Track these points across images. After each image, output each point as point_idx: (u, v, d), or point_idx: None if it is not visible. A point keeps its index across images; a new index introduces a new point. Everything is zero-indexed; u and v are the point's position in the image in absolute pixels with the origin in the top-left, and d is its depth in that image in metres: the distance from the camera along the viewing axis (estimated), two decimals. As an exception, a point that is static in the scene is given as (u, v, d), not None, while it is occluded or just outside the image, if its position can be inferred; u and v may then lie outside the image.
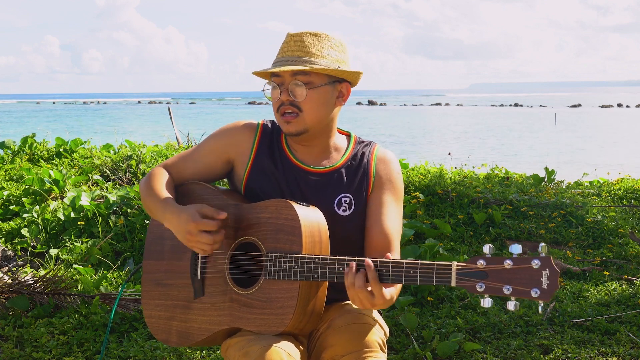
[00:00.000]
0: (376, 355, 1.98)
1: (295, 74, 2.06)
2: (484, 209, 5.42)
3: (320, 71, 2.06)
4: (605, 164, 15.86)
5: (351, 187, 2.16)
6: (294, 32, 2.12)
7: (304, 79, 2.06)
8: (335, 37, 2.13)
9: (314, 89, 2.07)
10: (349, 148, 2.22)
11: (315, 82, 2.07)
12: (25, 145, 7.86)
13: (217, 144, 2.22)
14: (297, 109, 2.08)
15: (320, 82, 2.08)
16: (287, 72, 2.06)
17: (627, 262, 4.69)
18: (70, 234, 4.85)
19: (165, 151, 7.18)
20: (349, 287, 1.88)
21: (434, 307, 3.88)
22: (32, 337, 3.37)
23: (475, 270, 1.78)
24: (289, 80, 2.07)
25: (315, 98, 2.08)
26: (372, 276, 1.86)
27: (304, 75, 2.06)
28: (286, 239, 1.99)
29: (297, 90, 2.07)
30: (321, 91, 2.09)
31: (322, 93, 2.09)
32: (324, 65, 2.07)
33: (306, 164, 2.17)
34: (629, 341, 3.43)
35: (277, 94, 2.10)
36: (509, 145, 24.94)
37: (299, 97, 2.07)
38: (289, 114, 2.09)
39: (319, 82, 2.08)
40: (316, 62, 2.06)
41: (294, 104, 2.08)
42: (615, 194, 6.46)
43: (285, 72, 2.06)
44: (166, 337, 2.21)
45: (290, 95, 2.08)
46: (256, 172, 2.17)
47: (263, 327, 1.98)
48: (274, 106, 2.13)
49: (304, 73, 2.06)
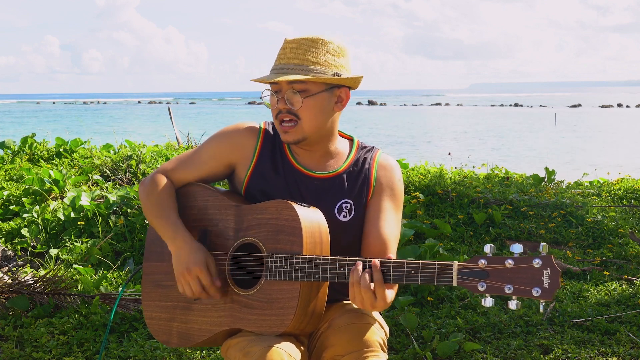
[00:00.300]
0: (377, 355, 1.98)
1: (291, 82, 2.05)
2: (484, 209, 5.42)
3: (315, 80, 2.05)
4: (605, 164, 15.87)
5: (352, 193, 2.16)
6: (291, 39, 2.10)
7: (300, 87, 2.05)
8: (334, 42, 2.10)
9: (310, 97, 2.06)
10: (351, 153, 2.21)
11: (311, 90, 2.06)
12: (25, 145, 7.86)
13: (218, 148, 2.21)
14: (295, 116, 2.07)
15: (317, 90, 2.07)
16: (283, 80, 2.05)
17: (627, 262, 4.70)
18: (70, 234, 4.85)
19: (165, 151, 7.19)
20: (353, 284, 1.88)
21: (434, 307, 3.88)
22: (32, 337, 3.37)
23: (476, 270, 1.78)
24: (286, 89, 2.06)
25: (312, 106, 2.07)
26: (378, 277, 1.86)
27: (300, 84, 2.05)
28: (287, 239, 1.99)
29: (293, 98, 2.06)
30: (318, 99, 2.07)
31: (319, 100, 2.08)
32: (321, 73, 2.05)
33: (308, 169, 2.16)
34: (629, 341, 3.43)
35: (274, 101, 2.09)
36: (509, 145, 24.94)
37: (296, 105, 2.06)
38: (287, 122, 2.08)
39: (316, 89, 2.07)
40: (313, 70, 2.05)
41: (292, 112, 2.07)
42: (615, 194, 6.46)
43: (281, 80, 2.05)
44: (167, 339, 2.21)
45: (287, 104, 2.07)
46: (257, 176, 2.16)
47: (264, 327, 1.98)
48: (272, 113, 2.13)
49: (301, 81, 2.05)
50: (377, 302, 1.87)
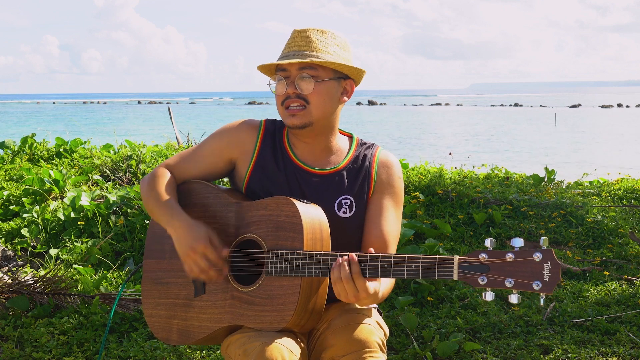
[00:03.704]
0: (376, 356, 1.99)
1: (302, 68, 2.08)
2: (484, 209, 5.42)
3: (327, 65, 2.08)
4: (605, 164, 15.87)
5: (352, 190, 2.16)
6: (300, 29, 2.15)
7: (311, 72, 2.09)
8: (340, 36, 2.17)
9: (320, 83, 2.10)
10: (351, 150, 2.22)
11: (322, 76, 2.10)
12: (25, 145, 7.86)
13: (219, 144, 2.22)
14: (305, 101, 2.10)
15: (326, 76, 2.11)
16: (294, 65, 2.08)
17: (627, 262, 4.70)
18: (70, 234, 4.85)
19: (165, 151, 7.19)
20: (335, 281, 1.90)
21: (434, 307, 3.88)
22: (32, 337, 3.37)
23: (477, 264, 1.78)
24: (296, 74, 2.09)
25: (322, 91, 2.10)
26: (355, 270, 1.88)
27: (310, 69, 2.08)
28: (287, 235, 1.99)
29: (303, 83, 2.09)
30: (327, 85, 2.11)
31: (328, 87, 2.11)
32: (331, 60, 2.09)
33: (308, 165, 2.18)
34: (629, 341, 3.43)
35: (282, 87, 2.12)
36: (509, 145, 24.93)
37: (306, 90, 2.09)
38: (295, 107, 2.10)
39: (326, 76, 2.10)
40: (323, 57, 2.09)
41: (301, 97, 2.10)
42: (615, 194, 6.46)
43: (292, 65, 2.09)
44: (167, 336, 2.21)
45: (297, 89, 2.09)
46: (258, 172, 2.17)
47: (264, 323, 1.98)
48: (278, 100, 2.14)
49: (311, 67, 2.08)
50: (360, 294, 1.88)
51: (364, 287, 1.88)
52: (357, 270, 1.88)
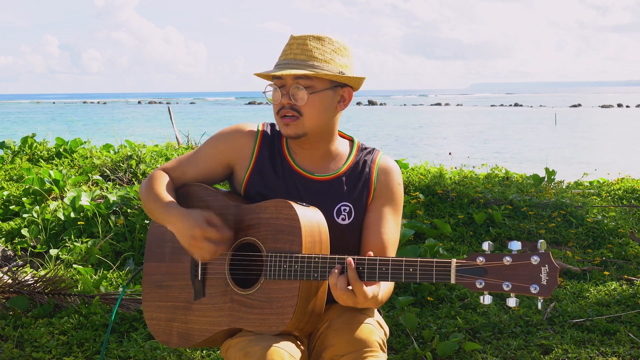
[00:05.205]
0: (376, 355, 1.98)
1: (297, 78, 2.05)
2: (484, 209, 5.42)
3: (322, 76, 2.05)
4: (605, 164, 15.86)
5: (351, 196, 2.15)
6: (297, 35, 2.11)
7: (305, 83, 2.05)
8: (339, 41, 2.11)
9: (315, 94, 2.06)
10: (351, 155, 2.20)
11: (316, 87, 2.06)
12: (25, 145, 7.86)
13: (217, 148, 2.21)
14: (298, 112, 2.07)
15: (322, 87, 2.07)
16: (289, 75, 2.05)
17: (627, 262, 4.70)
18: (70, 234, 4.85)
19: (165, 151, 7.19)
20: (333, 286, 1.89)
21: (434, 307, 3.88)
22: (32, 337, 3.37)
23: (474, 267, 1.78)
24: (291, 84, 2.06)
25: (316, 102, 2.07)
26: (352, 275, 1.87)
27: (306, 80, 2.05)
28: (286, 238, 1.99)
29: (298, 94, 2.06)
30: (322, 96, 2.08)
31: (323, 98, 2.08)
32: (327, 70, 2.05)
33: (307, 171, 2.16)
34: (629, 341, 3.43)
35: (278, 96, 2.09)
36: (509, 145, 24.93)
37: (300, 101, 2.06)
38: (289, 117, 2.08)
39: (321, 86, 2.07)
40: (319, 67, 2.05)
41: (295, 108, 2.07)
42: (615, 194, 6.45)
43: (287, 75, 2.05)
44: (167, 339, 2.21)
45: (291, 99, 2.07)
46: (256, 177, 2.16)
47: (263, 327, 1.98)
48: (274, 108, 2.12)
49: (306, 77, 2.05)
50: (358, 298, 1.87)
51: (362, 291, 1.87)
52: (354, 275, 1.87)
